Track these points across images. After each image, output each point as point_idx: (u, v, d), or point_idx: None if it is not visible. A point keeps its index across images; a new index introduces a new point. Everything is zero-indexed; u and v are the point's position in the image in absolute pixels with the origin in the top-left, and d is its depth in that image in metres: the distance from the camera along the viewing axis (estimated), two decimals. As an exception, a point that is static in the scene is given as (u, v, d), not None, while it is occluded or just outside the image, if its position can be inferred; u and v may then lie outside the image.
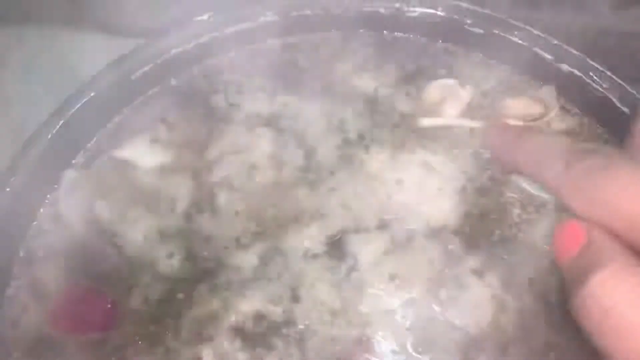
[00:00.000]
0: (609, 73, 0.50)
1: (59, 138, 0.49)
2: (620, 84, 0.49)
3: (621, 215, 0.33)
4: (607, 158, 0.35)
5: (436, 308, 0.44)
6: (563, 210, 0.48)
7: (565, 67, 0.51)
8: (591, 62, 0.50)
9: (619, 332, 0.30)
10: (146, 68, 0.52)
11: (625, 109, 0.49)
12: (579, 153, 0.37)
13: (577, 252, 0.34)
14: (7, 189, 0.46)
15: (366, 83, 0.54)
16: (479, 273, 0.45)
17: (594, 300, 0.31)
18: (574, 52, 0.51)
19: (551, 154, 0.39)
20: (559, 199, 0.38)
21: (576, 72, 0.51)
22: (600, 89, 0.50)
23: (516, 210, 0.48)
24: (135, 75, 0.52)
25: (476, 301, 0.44)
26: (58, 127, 0.49)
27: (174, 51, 0.53)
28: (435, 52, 0.56)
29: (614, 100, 0.50)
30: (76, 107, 0.50)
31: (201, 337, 0.43)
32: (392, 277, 0.45)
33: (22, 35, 0.72)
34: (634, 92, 0.49)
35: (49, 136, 0.49)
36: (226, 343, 0.42)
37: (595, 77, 0.50)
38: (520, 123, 0.51)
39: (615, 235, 0.33)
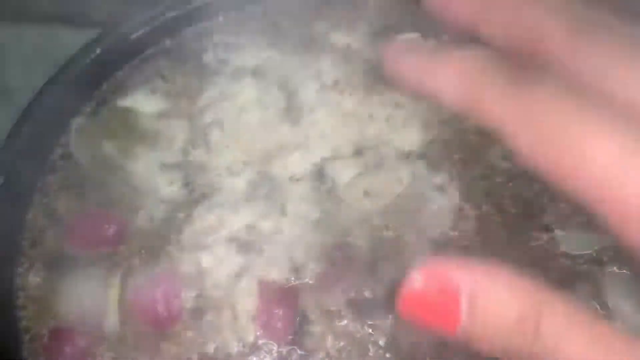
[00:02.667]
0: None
1: (69, 89, 0.55)
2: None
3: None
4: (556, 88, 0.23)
5: (404, 217, 0.51)
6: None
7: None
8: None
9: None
10: (145, 29, 0.59)
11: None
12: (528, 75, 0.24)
13: None
14: (24, 133, 0.52)
15: (340, 39, 0.61)
16: (441, 188, 0.52)
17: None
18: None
19: (488, 75, 0.26)
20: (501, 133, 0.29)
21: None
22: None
23: (472, 136, 0.55)
24: (135, 35, 0.59)
25: (439, 211, 0.51)
26: (68, 79, 0.55)
27: (168, 15, 0.60)
28: (401, 12, 0.64)
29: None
30: (84, 63, 0.56)
31: (200, 246, 0.49)
32: (366, 194, 0.51)
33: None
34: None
35: (60, 87, 0.55)
36: (222, 250, 0.48)
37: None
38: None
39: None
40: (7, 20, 0.78)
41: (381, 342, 0.45)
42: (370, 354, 0.45)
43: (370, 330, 0.45)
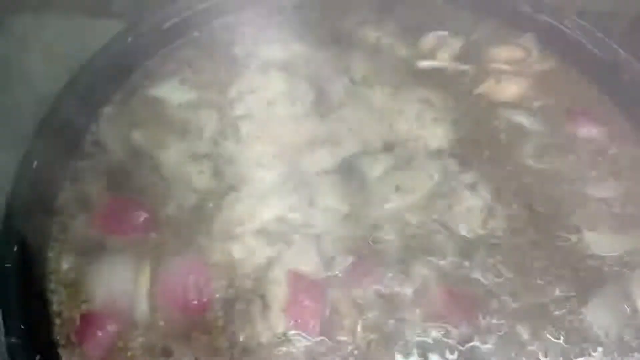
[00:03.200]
0: (581, 22, 0.57)
1: (99, 78, 0.55)
2: (591, 30, 0.57)
3: None
4: None
5: (435, 214, 0.51)
6: (545, 135, 0.56)
7: (543, 17, 0.59)
8: (565, 12, 0.58)
9: None
10: (175, 20, 0.59)
11: (597, 51, 0.57)
12: None
13: None
14: (56, 120, 0.52)
15: (369, 34, 0.62)
16: (471, 186, 0.52)
17: None
18: (550, 3, 0.59)
19: None
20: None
21: (552, 21, 0.58)
22: (574, 34, 0.57)
23: (503, 135, 0.55)
24: (166, 25, 0.59)
25: (469, 209, 0.51)
26: (99, 67, 0.55)
27: (198, 6, 0.60)
28: (429, 9, 0.64)
29: (587, 44, 0.57)
30: (114, 52, 0.56)
31: (230, 236, 0.49)
32: (397, 188, 0.51)
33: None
34: (604, 36, 0.56)
35: (91, 76, 0.55)
36: (253, 240, 0.48)
37: (569, 25, 0.58)
38: (505, 66, 0.59)
39: None
40: (29, 11, 0.78)
41: (409, 336, 0.45)
42: (398, 347, 0.45)
43: (398, 324, 0.46)
